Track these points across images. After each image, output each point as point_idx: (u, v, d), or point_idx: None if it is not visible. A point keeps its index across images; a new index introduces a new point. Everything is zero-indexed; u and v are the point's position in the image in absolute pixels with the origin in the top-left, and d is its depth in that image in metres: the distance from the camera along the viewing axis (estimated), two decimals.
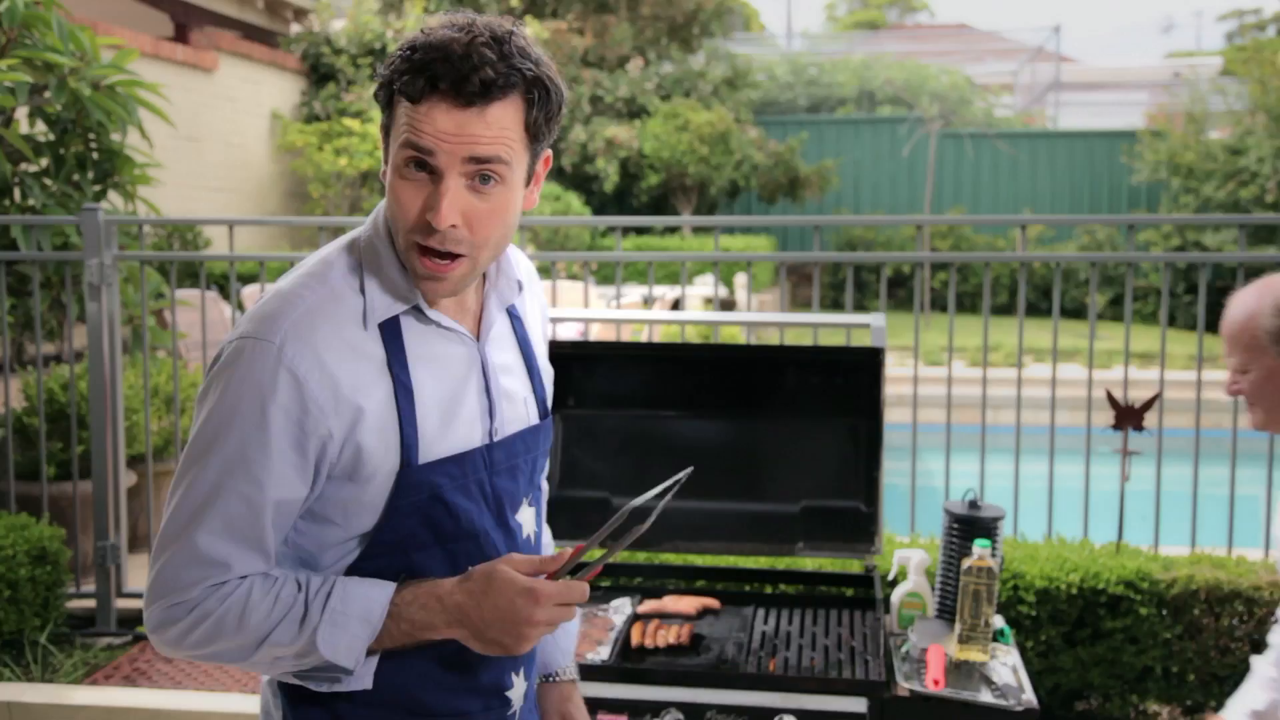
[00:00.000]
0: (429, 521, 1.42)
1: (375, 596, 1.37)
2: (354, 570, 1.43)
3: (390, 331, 1.40)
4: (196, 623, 1.35)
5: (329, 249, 1.46)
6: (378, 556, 1.42)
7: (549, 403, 1.61)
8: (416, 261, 1.37)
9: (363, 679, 1.40)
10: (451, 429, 1.43)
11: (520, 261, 1.61)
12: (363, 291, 1.40)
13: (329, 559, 1.44)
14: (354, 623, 1.35)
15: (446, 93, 1.30)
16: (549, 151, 1.43)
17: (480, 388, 1.47)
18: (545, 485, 1.73)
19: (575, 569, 1.39)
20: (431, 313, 1.43)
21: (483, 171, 1.33)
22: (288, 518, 1.39)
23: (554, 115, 1.38)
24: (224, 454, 1.34)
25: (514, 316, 1.57)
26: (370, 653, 1.38)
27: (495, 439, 1.48)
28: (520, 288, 1.55)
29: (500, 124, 1.32)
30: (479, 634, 1.35)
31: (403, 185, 1.35)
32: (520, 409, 1.53)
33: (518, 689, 1.56)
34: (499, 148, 1.33)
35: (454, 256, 1.36)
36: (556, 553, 1.38)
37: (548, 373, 1.64)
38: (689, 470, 1.42)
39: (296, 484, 1.36)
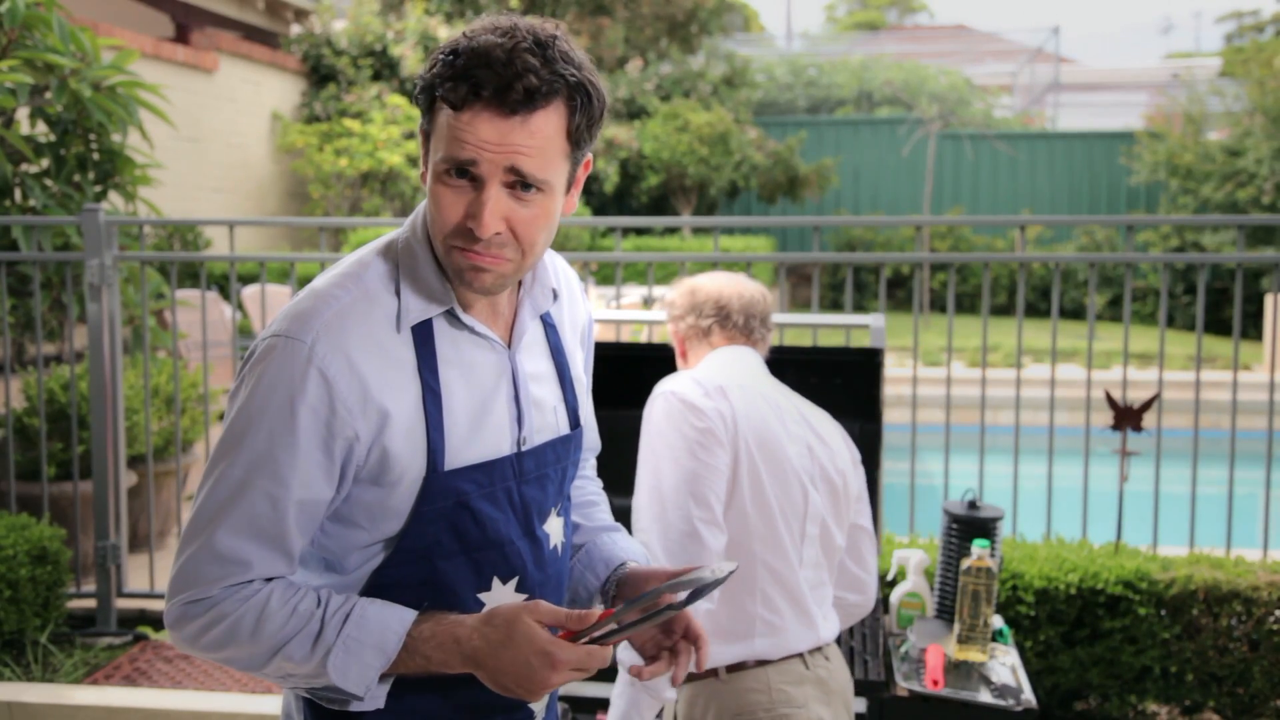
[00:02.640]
0: (454, 529, 1.41)
1: (392, 627, 1.35)
2: (378, 575, 1.42)
3: (422, 335, 1.39)
4: (213, 622, 1.34)
5: (366, 249, 1.45)
6: (402, 563, 1.41)
7: (580, 412, 1.59)
8: (458, 257, 1.35)
9: (373, 702, 1.38)
10: (479, 436, 1.42)
11: (562, 271, 1.61)
12: (398, 294, 1.39)
13: (354, 562, 1.42)
14: (368, 651, 1.34)
15: (490, 101, 1.28)
16: (589, 156, 1.42)
17: (510, 395, 1.46)
18: (596, 492, 1.71)
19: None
20: (465, 317, 1.42)
21: (524, 179, 1.32)
22: (312, 519, 1.37)
23: (595, 120, 1.37)
24: (252, 451, 1.33)
25: (548, 325, 1.56)
26: (383, 678, 1.36)
27: (524, 448, 1.47)
28: (555, 296, 1.53)
29: (543, 132, 1.31)
30: (492, 678, 1.34)
31: (444, 191, 1.34)
32: (550, 418, 1.52)
33: (540, 702, 1.55)
34: (540, 158, 1.31)
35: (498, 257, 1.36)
36: (584, 612, 1.35)
37: (582, 382, 1.61)
38: (734, 568, 1.39)
39: (322, 485, 1.35)
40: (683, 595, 1.38)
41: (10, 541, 3.83)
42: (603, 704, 2.61)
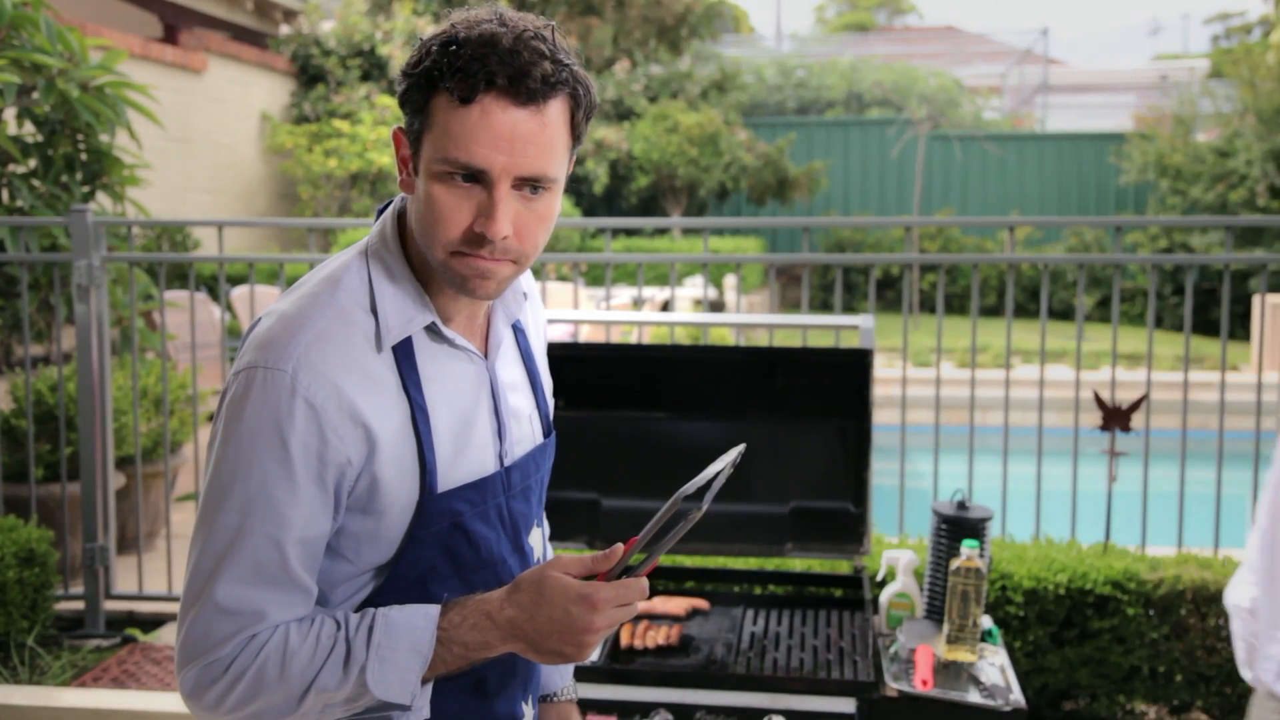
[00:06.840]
0: (449, 552, 1.35)
1: (421, 625, 1.27)
2: (370, 605, 1.35)
3: (403, 352, 1.31)
4: (234, 681, 1.25)
5: (335, 265, 1.35)
6: (394, 590, 1.34)
7: (551, 417, 1.54)
8: (461, 264, 1.27)
9: (420, 710, 1.31)
10: (466, 454, 1.36)
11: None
12: (374, 311, 1.30)
13: (340, 595, 1.35)
14: (403, 655, 1.26)
15: (504, 90, 1.20)
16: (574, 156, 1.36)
17: (490, 408, 1.40)
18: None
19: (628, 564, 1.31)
20: (447, 330, 1.35)
21: (535, 180, 1.26)
22: (315, 556, 1.30)
23: (590, 115, 1.31)
24: (245, 494, 1.24)
25: (518, 330, 1.50)
26: (424, 681, 1.29)
27: (506, 461, 1.41)
28: (525, 298, 1.48)
29: (554, 125, 1.24)
30: (536, 646, 1.27)
31: (446, 194, 1.25)
32: (526, 427, 1.46)
33: (528, 718, 1.52)
34: (551, 154, 1.25)
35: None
36: (608, 550, 1.29)
37: (548, 384, 1.56)
38: (741, 448, 1.30)
39: (322, 520, 1.28)
40: (704, 497, 1.28)
41: None
42: (592, 705, 2.60)
